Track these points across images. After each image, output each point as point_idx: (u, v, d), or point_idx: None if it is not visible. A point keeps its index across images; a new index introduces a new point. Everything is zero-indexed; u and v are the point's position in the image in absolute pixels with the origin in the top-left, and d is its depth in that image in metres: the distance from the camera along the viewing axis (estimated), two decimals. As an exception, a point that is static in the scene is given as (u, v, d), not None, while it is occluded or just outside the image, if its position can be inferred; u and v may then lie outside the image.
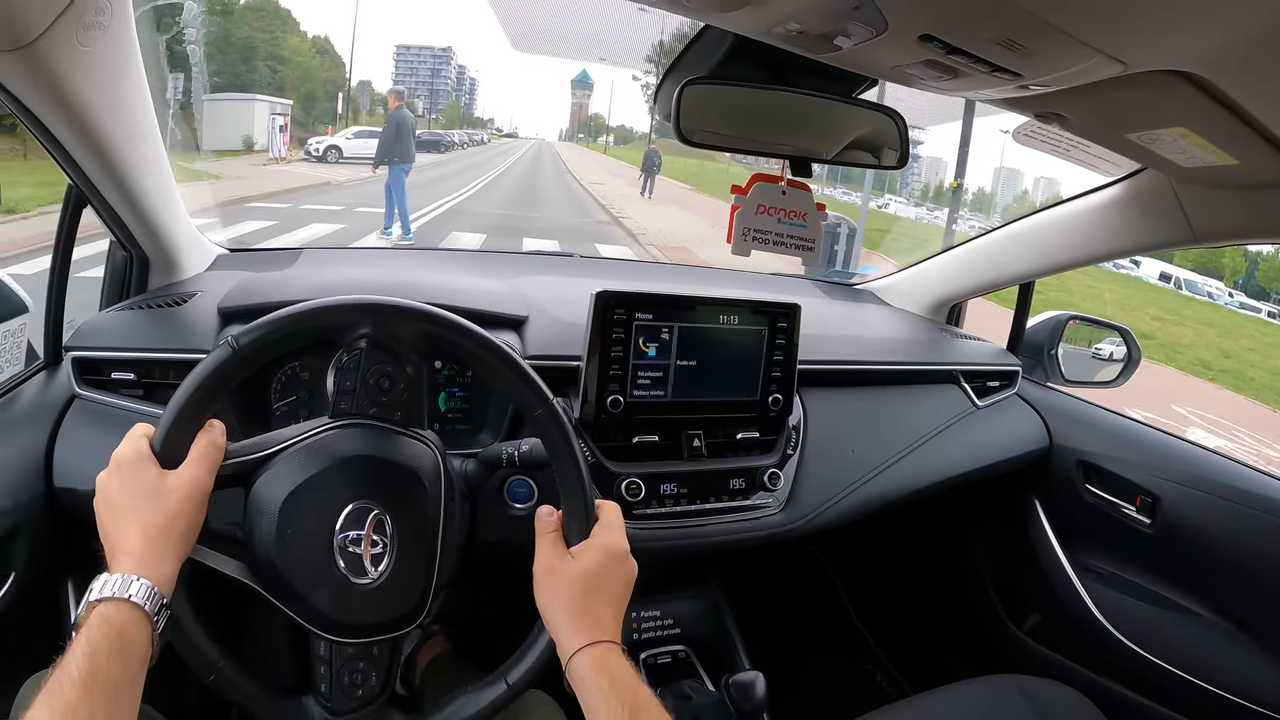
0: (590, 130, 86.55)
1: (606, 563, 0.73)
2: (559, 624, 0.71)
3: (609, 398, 0.99)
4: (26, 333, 1.05)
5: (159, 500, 0.65)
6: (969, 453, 1.31)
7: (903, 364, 1.28)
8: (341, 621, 0.72)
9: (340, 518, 0.70)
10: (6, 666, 0.87)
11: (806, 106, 0.95)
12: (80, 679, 0.53)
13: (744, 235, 0.96)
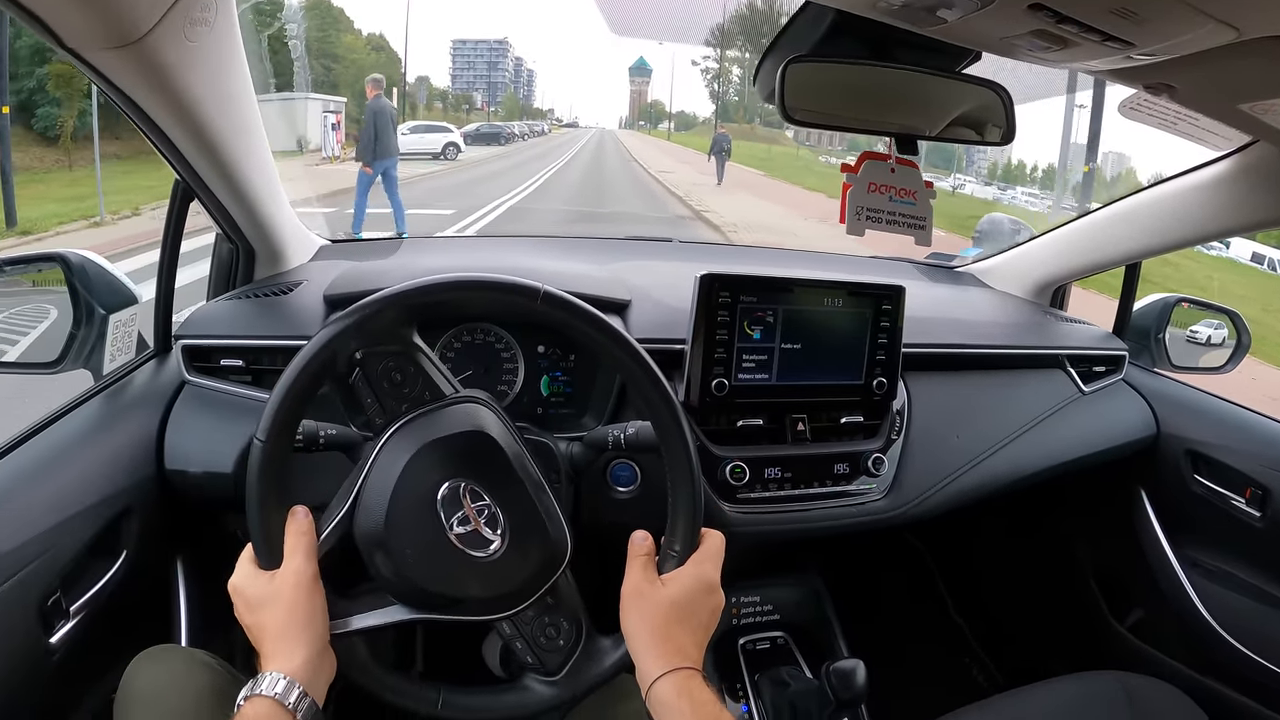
0: (650, 117, 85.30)
1: (696, 592, 0.73)
2: (642, 649, 0.72)
3: (714, 381, 0.99)
4: (137, 323, 1.11)
5: (272, 603, 0.70)
6: (1074, 440, 1.27)
7: (1008, 348, 1.24)
8: (498, 596, 0.73)
9: (439, 507, 0.72)
10: (116, 642, 0.92)
11: (909, 82, 0.93)
12: None
13: (858, 214, 0.94)
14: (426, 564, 0.72)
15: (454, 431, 0.74)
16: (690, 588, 0.73)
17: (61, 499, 0.88)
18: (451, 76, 79.81)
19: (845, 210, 0.94)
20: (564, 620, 0.77)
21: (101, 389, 1.04)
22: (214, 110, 0.90)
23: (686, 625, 0.72)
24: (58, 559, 0.85)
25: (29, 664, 0.81)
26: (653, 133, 71.17)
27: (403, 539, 0.71)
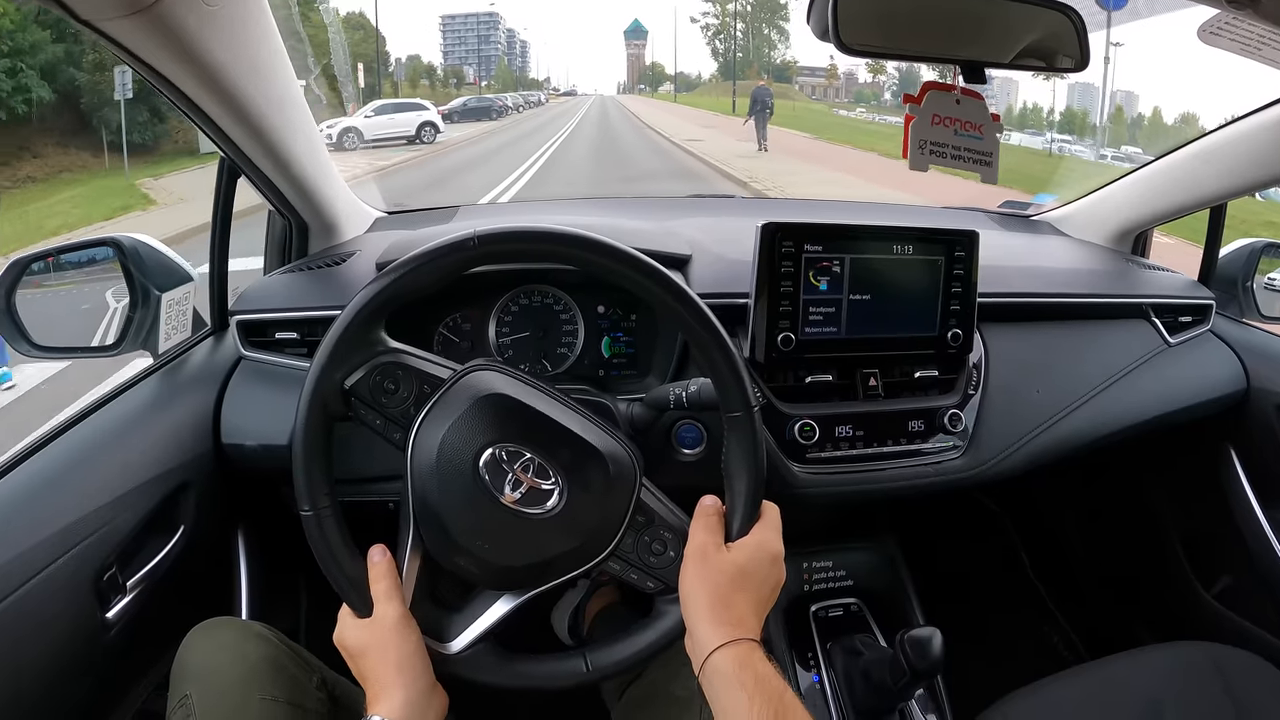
0: (650, 80, 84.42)
1: (761, 561, 0.72)
2: (699, 615, 0.70)
3: (780, 335, 0.96)
4: (191, 301, 1.12)
5: (368, 651, 0.72)
6: (1161, 395, 1.20)
7: (1089, 297, 1.18)
8: (585, 540, 0.73)
9: (486, 484, 0.71)
10: (175, 616, 0.93)
11: (974, 8, 0.89)
12: None
13: (920, 148, 0.90)
14: (501, 543, 0.71)
15: (464, 407, 0.73)
16: (756, 556, 0.72)
17: (117, 476, 0.90)
18: (443, 53, 79.13)
19: (907, 144, 0.90)
20: (664, 531, 0.75)
21: (159, 368, 1.06)
22: (247, 81, 0.89)
23: (749, 594, 0.70)
24: (113, 535, 0.87)
25: (84, 639, 0.83)
26: (656, 95, 69.93)
27: (471, 533, 0.71)
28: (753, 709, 0.62)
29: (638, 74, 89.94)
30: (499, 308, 1.06)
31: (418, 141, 17.66)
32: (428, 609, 0.75)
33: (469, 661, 0.74)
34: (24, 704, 0.75)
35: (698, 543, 0.72)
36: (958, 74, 0.92)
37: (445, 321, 1.06)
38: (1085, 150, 20.99)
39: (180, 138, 14.88)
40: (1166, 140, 19.32)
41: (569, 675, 0.74)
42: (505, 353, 1.06)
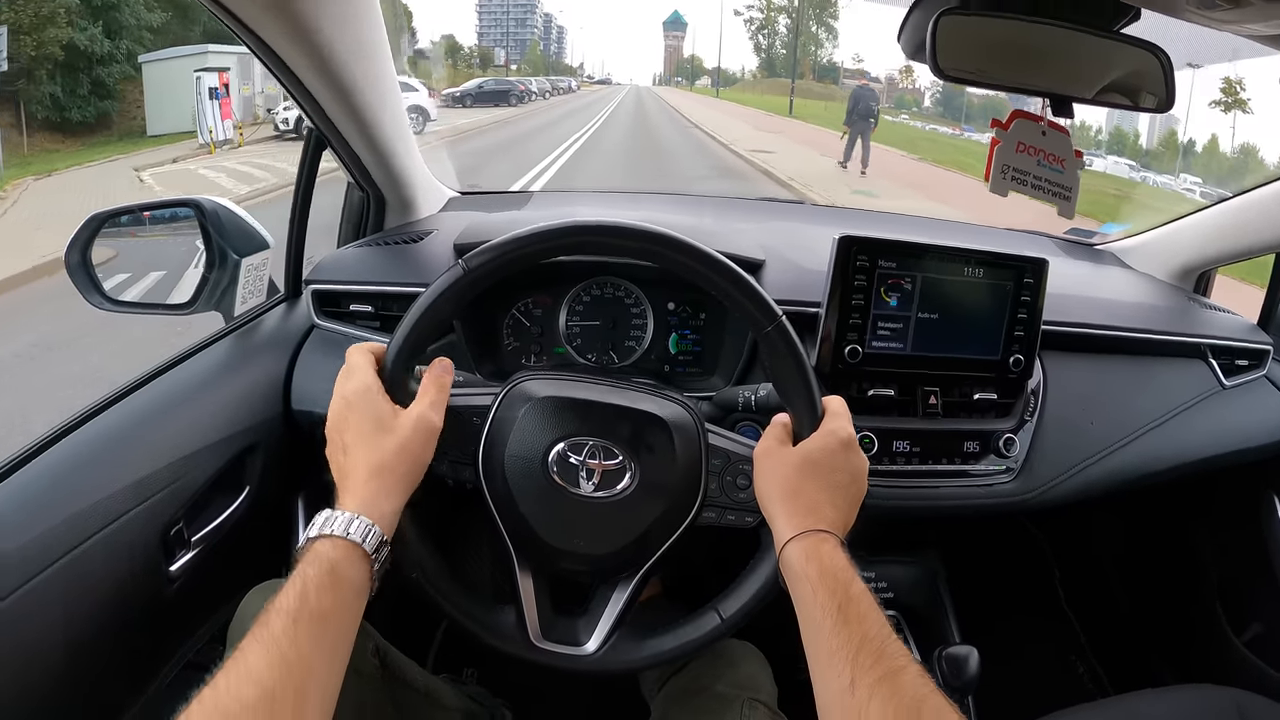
0: (687, 73, 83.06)
1: (831, 448, 0.71)
2: (774, 511, 0.70)
3: (847, 347, 0.98)
4: (269, 267, 1.16)
5: (386, 437, 0.67)
6: (1212, 437, 1.21)
7: (1149, 333, 1.19)
8: (672, 502, 0.75)
9: (560, 483, 0.74)
10: (233, 574, 0.96)
11: (1065, 41, 0.89)
12: (289, 610, 0.55)
13: (1003, 173, 0.92)
14: (595, 534, 0.75)
15: (517, 421, 0.75)
16: (824, 444, 0.71)
17: (191, 433, 0.93)
18: (478, 34, 78.48)
19: (990, 167, 0.92)
20: (742, 465, 0.77)
21: (232, 330, 1.10)
22: (348, 55, 0.92)
23: (822, 483, 0.69)
24: (183, 490, 0.90)
25: (148, 591, 0.86)
26: (694, 89, 67.57)
27: (564, 535, 0.74)
28: (816, 601, 0.62)
29: (674, 66, 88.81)
30: (571, 296, 1.09)
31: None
32: (556, 621, 0.78)
33: (608, 656, 0.76)
34: (87, 649, 0.78)
35: (763, 446, 0.74)
36: (1046, 106, 0.94)
37: (518, 305, 1.09)
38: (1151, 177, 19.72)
39: (131, 116, 12.88)
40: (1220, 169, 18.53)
41: (707, 633, 0.76)
42: (574, 341, 1.10)
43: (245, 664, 0.52)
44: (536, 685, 1.26)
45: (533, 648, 0.76)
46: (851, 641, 0.59)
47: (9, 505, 0.75)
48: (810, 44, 61.53)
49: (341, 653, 0.58)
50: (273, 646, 0.53)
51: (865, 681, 0.56)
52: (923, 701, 0.55)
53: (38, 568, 0.72)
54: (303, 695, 0.53)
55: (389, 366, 0.71)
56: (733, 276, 0.73)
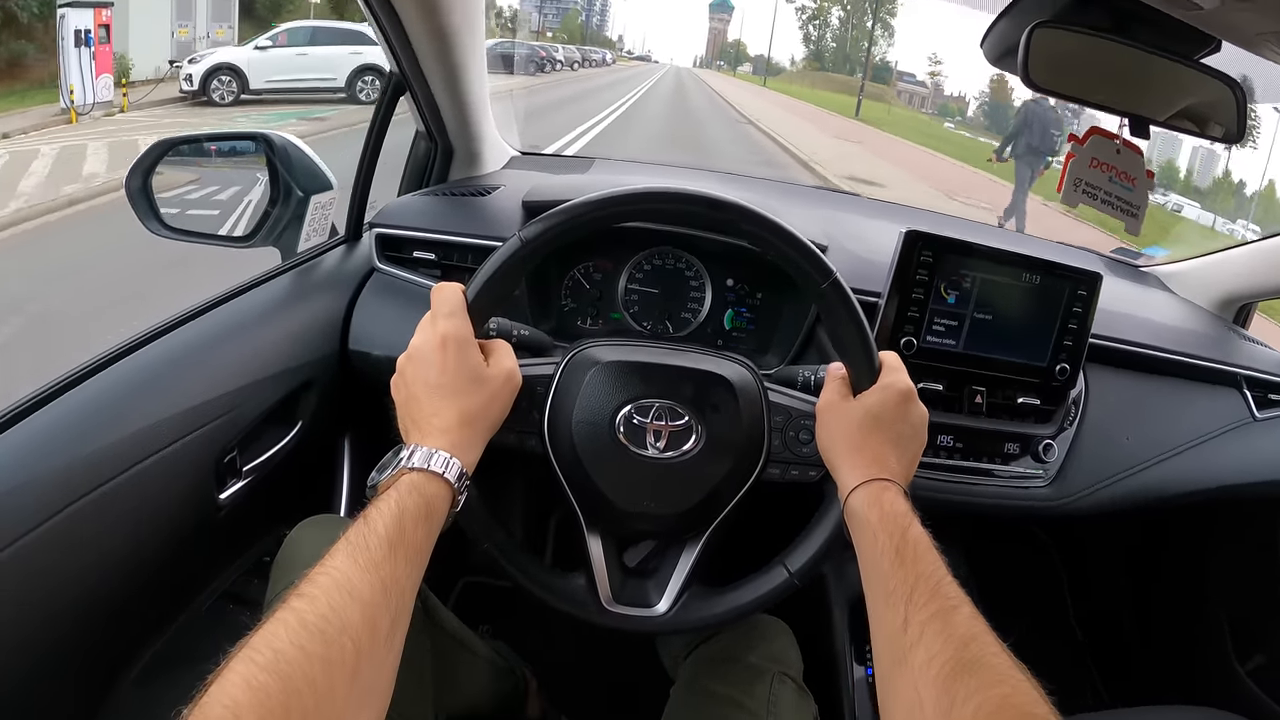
0: (730, 58, 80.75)
1: (891, 400, 0.72)
2: (838, 462, 0.72)
3: (903, 339, 1.01)
4: (334, 207, 1.17)
5: (481, 386, 0.67)
6: (1240, 465, 1.23)
7: (1189, 356, 1.22)
8: (739, 455, 0.77)
9: (630, 447, 0.75)
10: (278, 507, 0.98)
11: (1145, 64, 0.92)
12: (388, 538, 0.55)
13: (1075, 186, 0.95)
14: (665, 494, 0.76)
15: (582, 387, 0.76)
16: (884, 398, 0.72)
17: (249, 364, 0.95)
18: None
19: (1064, 180, 0.95)
20: (803, 420, 0.79)
21: (293, 266, 1.11)
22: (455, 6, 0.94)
23: (885, 435, 0.71)
24: (239, 420, 0.92)
25: (198, 517, 0.88)
26: (736, 75, 64.96)
27: (634, 497, 0.76)
28: (876, 543, 0.63)
29: (718, 49, 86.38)
30: (633, 263, 1.11)
31: (352, 99, 10.93)
32: (626, 584, 0.80)
33: (679, 615, 0.78)
34: (138, 566, 0.80)
35: (825, 400, 0.75)
36: (1123, 125, 0.96)
37: (579, 267, 1.11)
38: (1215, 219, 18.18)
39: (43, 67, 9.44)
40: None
41: (778, 587, 0.77)
42: (631, 308, 1.12)
43: (348, 584, 0.52)
44: (549, 646, 1.28)
45: (605, 612, 0.77)
46: (907, 581, 0.60)
47: (72, 419, 0.77)
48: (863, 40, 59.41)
49: (417, 588, 0.59)
50: (373, 570, 0.53)
51: (918, 619, 0.57)
52: (973, 639, 0.55)
53: (97, 482, 0.74)
54: (396, 625, 0.54)
55: (472, 315, 0.71)
56: (787, 235, 0.74)
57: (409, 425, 0.67)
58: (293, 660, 0.46)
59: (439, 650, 0.89)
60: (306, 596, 0.50)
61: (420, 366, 0.67)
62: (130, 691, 0.85)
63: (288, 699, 0.44)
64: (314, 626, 0.48)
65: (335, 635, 0.48)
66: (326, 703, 0.46)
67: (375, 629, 0.51)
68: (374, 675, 0.51)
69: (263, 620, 0.49)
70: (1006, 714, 0.49)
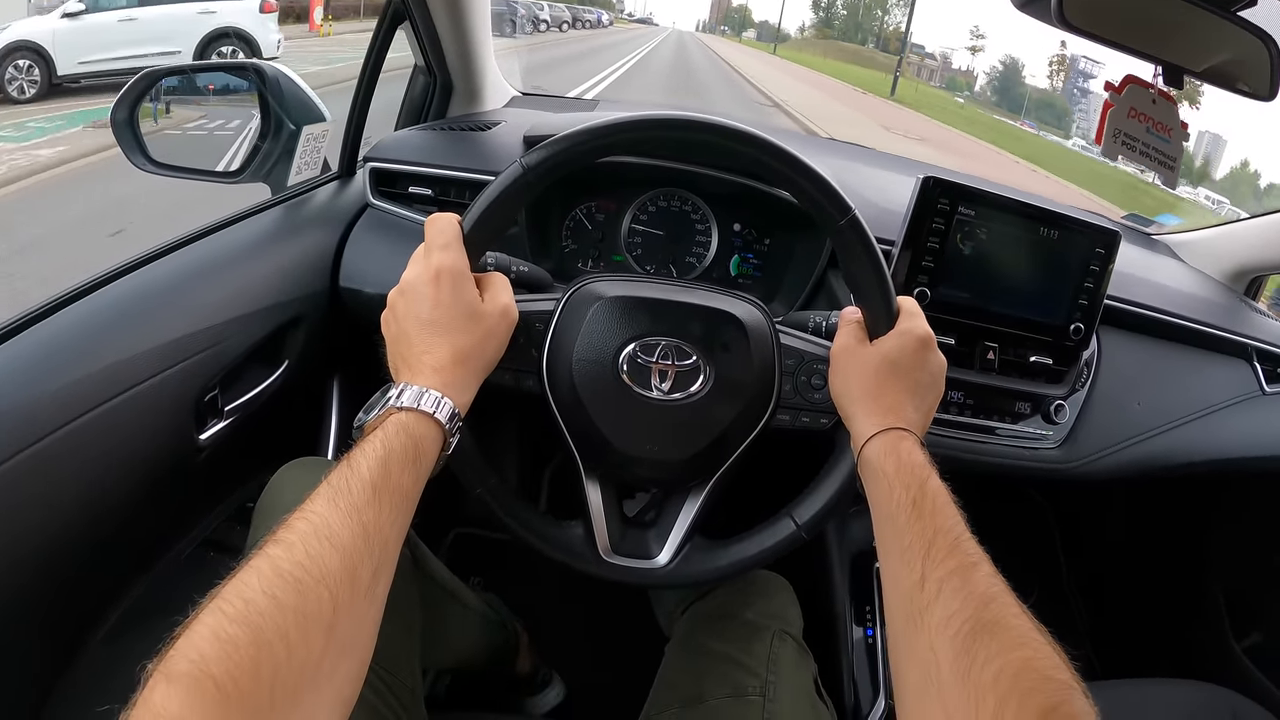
0: (735, 23, 79.48)
1: (909, 347, 0.69)
2: (853, 410, 0.69)
3: (916, 289, 0.97)
4: (327, 140, 1.13)
5: (476, 322, 0.64)
6: (1247, 440, 1.21)
7: (1203, 324, 1.20)
8: (747, 399, 0.73)
9: (633, 388, 0.70)
10: (262, 449, 0.95)
11: (1181, 12, 0.90)
12: (371, 481, 0.52)
13: (1114, 137, 0.92)
14: (670, 438, 0.72)
15: (584, 324, 0.72)
16: (902, 344, 0.69)
17: (234, 298, 0.90)
18: None
19: (1103, 130, 0.92)
20: (816, 364, 0.75)
21: (283, 200, 1.07)
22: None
23: (903, 383, 0.68)
24: (222, 357, 0.87)
25: (175, 457, 0.84)
26: (743, 41, 62.22)
27: (637, 440, 0.71)
28: (892, 496, 0.61)
29: (722, 14, 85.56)
30: (637, 204, 1.07)
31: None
32: (626, 534, 0.76)
33: (680, 568, 0.74)
34: (110, 507, 0.76)
35: (840, 344, 0.72)
36: (1157, 74, 0.93)
37: (581, 206, 1.07)
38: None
39: None
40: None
41: (784, 540, 0.74)
42: (634, 250, 1.08)
43: (328, 530, 0.48)
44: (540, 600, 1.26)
45: (602, 563, 0.74)
46: (924, 536, 0.57)
47: (43, 351, 0.72)
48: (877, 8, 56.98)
49: (403, 535, 0.55)
50: (354, 516, 0.50)
51: (935, 575, 0.54)
52: (992, 600, 0.52)
53: (69, 416, 0.70)
54: (378, 574, 0.50)
55: (469, 248, 0.67)
56: (805, 169, 0.69)
57: (399, 363, 0.63)
58: (264, 611, 0.43)
59: (428, 601, 0.86)
60: (283, 543, 0.47)
61: (412, 301, 0.63)
62: (106, 643, 0.82)
63: (258, 652, 0.41)
64: (289, 575, 0.45)
65: (312, 585, 0.45)
66: (300, 656, 0.43)
67: (355, 578, 0.48)
68: (353, 628, 0.47)
69: (236, 568, 0.46)
70: (1028, 678, 0.46)
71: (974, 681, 0.47)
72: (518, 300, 0.69)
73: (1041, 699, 0.46)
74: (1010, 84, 31.11)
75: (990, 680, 0.47)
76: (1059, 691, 0.46)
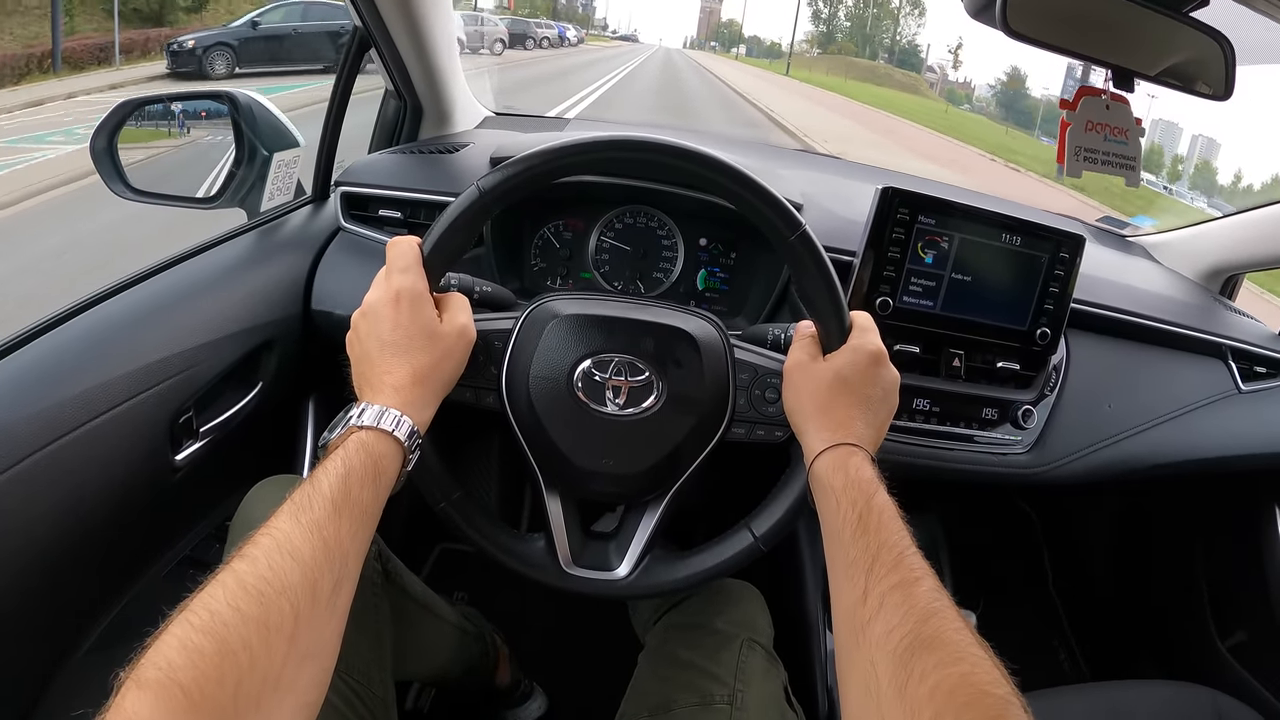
0: (725, 39, 77.07)
1: (860, 363, 0.70)
2: (805, 425, 0.70)
3: (879, 299, 0.98)
4: (299, 166, 1.15)
5: (434, 344, 0.66)
6: (1223, 438, 1.22)
7: (1174, 325, 1.20)
8: (701, 414, 0.74)
9: (586, 404, 0.72)
10: (239, 470, 0.96)
11: (1133, 17, 0.90)
12: (333, 498, 0.54)
13: (1076, 155, 0.92)
14: (624, 453, 0.73)
15: (540, 341, 0.74)
16: (854, 359, 0.70)
17: (207, 323, 0.92)
18: None
19: (1063, 150, 0.92)
20: (770, 379, 0.76)
21: (256, 225, 1.09)
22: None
23: (854, 398, 0.69)
24: (195, 380, 0.89)
25: (151, 478, 0.86)
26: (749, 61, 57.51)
27: (592, 455, 0.73)
28: (839, 511, 0.61)
29: (711, 29, 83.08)
30: (604, 221, 1.09)
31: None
32: (586, 546, 0.78)
33: (640, 580, 0.76)
34: (87, 531, 0.78)
35: (793, 360, 0.73)
36: (1108, 79, 0.94)
37: (549, 225, 1.09)
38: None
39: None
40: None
41: (742, 552, 0.75)
42: (602, 267, 1.10)
43: (289, 545, 0.50)
44: (526, 614, 1.27)
45: (565, 575, 0.75)
46: (869, 551, 0.58)
47: (19, 377, 0.74)
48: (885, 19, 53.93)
49: (365, 549, 0.57)
50: (315, 531, 0.52)
51: (878, 590, 0.55)
52: (933, 615, 0.52)
53: (44, 441, 0.72)
54: (339, 587, 0.52)
55: (428, 269, 0.69)
56: (754, 185, 0.71)
57: (362, 383, 0.66)
58: (229, 622, 0.45)
59: (402, 615, 0.88)
60: (248, 558, 0.49)
61: (373, 323, 0.66)
62: (89, 657, 0.84)
63: (222, 660, 0.44)
64: (252, 588, 0.47)
65: (274, 597, 0.48)
66: (263, 664, 0.45)
67: (316, 590, 0.50)
68: (314, 637, 0.50)
69: (204, 582, 0.48)
70: (965, 692, 0.47)
71: (911, 695, 0.48)
72: (478, 319, 0.71)
73: (977, 713, 0.46)
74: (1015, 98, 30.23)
75: (926, 694, 0.48)
76: (995, 706, 0.47)
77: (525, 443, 0.74)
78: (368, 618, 0.79)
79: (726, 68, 31.00)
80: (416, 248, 0.68)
